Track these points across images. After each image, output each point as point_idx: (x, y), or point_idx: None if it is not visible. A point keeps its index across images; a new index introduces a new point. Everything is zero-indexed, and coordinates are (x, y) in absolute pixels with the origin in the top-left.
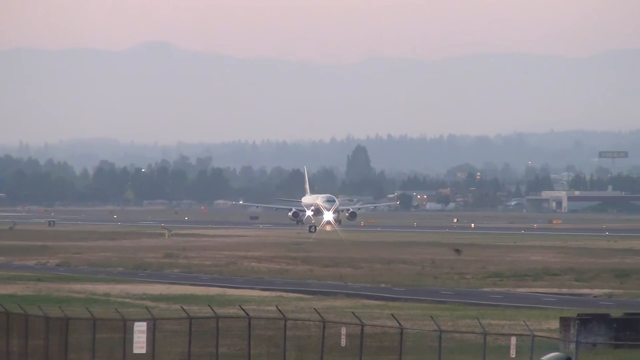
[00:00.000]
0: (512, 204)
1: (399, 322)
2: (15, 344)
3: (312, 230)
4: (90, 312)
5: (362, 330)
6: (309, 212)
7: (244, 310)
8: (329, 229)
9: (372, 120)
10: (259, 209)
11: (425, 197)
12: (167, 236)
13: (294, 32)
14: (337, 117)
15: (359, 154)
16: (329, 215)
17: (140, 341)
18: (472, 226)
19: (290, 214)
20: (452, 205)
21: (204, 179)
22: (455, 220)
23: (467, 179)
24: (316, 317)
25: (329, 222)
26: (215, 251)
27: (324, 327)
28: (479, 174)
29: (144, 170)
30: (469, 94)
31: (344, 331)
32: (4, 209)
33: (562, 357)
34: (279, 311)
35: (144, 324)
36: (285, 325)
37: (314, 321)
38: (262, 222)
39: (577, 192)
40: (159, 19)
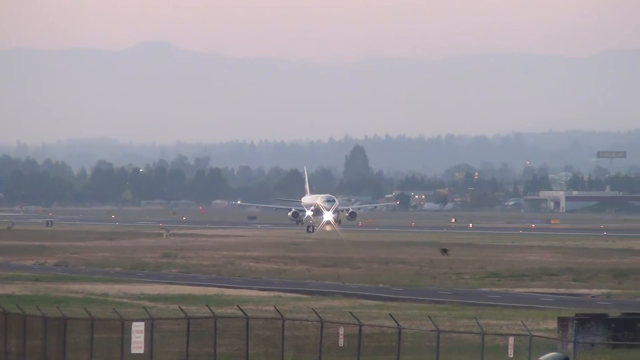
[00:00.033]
0: (510, 204)
1: (397, 322)
2: (13, 344)
3: (310, 230)
4: (88, 312)
5: (360, 330)
6: (309, 212)
7: (242, 310)
8: (328, 229)
9: (370, 120)
10: (258, 209)
11: (423, 197)
12: (165, 236)
13: (292, 32)
14: (335, 117)
15: (357, 154)
16: (328, 215)
17: (138, 341)
18: (470, 226)
19: (290, 214)
20: (450, 205)
21: (202, 179)
22: (453, 220)
23: (465, 179)
24: (314, 317)
25: (328, 222)
26: (213, 251)
27: (322, 327)
28: (477, 174)
29: (142, 170)
30: (467, 94)
31: (341, 331)
32: (2, 209)
33: (560, 357)
34: (277, 311)
35: (142, 324)
36: (283, 325)
37: (312, 321)
38: (260, 222)
39: (575, 192)
40: (157, 19)
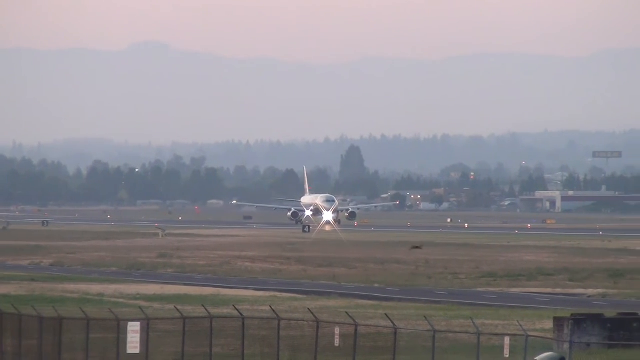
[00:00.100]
0: (506, 204)
1: (392, 322)
2: (8, 344)
3: (307, 230)
4: (84, 312)
5: (356, 330)
6: (308, 212)
7: (237, 310)
8: (328, 229)
9: (366, 120)
10: (257, 209)
11: (419, 197)
12: (160, 236)
13: (288, 32)
14: (331, 117)
15: (353, 154)
16: (328, 215)
17: (133, 341)
18: (466, 226)
19: (289, 214)
20: (445, 205)
21: (198, 179)
22: (449, 220)
23: (461, 179)
24: (310, 317)
25: (328, 222)
26: (209, 251)
27: (318, 327)
28: (472, 174)
29: (137, 170)
30: (462, 94)
31: (337, 331)
32: None
33: (556, 357)
34: (273, 311)
35: (138, 324)
36: (279, 325)
37: (307, 321)
38: (256, 222)
39: (571, 192)
40: (153, 19)
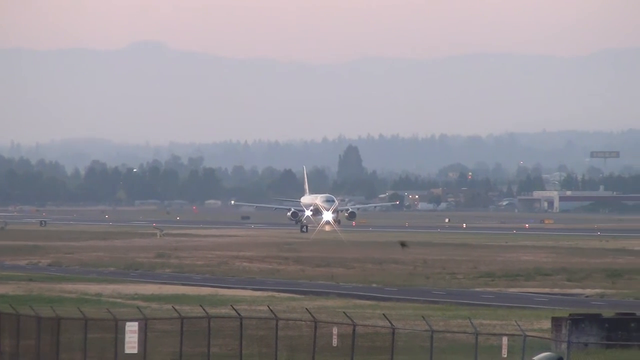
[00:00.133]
0: (504, 204)
1: (390, 322)
2: (6, 344)
3: (304, 230)
4: (81, 312)
5: (354, 330)
6: (308, 212)
7: (235, 310)
8: (328, 229)
9: (364, 120)
10: (257, 209)
11: (417, 197)
12: (158, 236)
13: (285, 32)
14: (328, 117)
15: (351, 154)
16: (328, 215)
17: (131, 341)
18: (464, 226)
19: (289, 214)
20: (443, 205)
21: (196, 179)
22: (447, 220)
23: (459, 179)
24: (308, 317)
25: (328, 222)
26: (207, 251)
27: (316, 327)
28: (470, 173)
29: (135, 170)
30: (460, 94)
31: (335, 331)
32: None
33: (554, 357)
34: (271, 311)
35: (136, 324)
36: (277, 325)
37: (305, 321)
38: (254, 222)
39: (568, 192)
40: (151, 19)
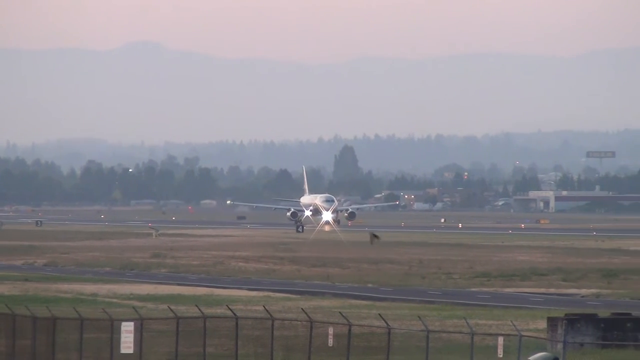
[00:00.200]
0: (500, 204)
1: (386, 322)
2: (2, 343)
3: (300, 230)
4: (77, 312)
5: (350, 330)
6: (308, 212)
7: (231, 310)
8: (327, 229)
9: (360, 120)
10: (256, 209)
11: (412, 197)
12: (154, 236)
13: (281, 32)
14: (324, 117)
15: (347, 154)
16: (327, 215)
17: (127, 341)
18: (460, 226)
19: (288, 214)
20: (439, 205)
21: (191, 179)
22: (442, 220)
23: (455, 179)
24: (303, 317)
25: (327, 222)
26: (202, 251)
27: (312, 327)
28: (466, 174)
29: (131, 170)
30: (456, 94)
31: (331, 331)
32: None
33: (550, 357)
34: (267, 311)
35: (132, 324)
36: (272, 325)
37: (301, 321)
38: (250, 222)
39: (564, 192)
40: (146, 19)
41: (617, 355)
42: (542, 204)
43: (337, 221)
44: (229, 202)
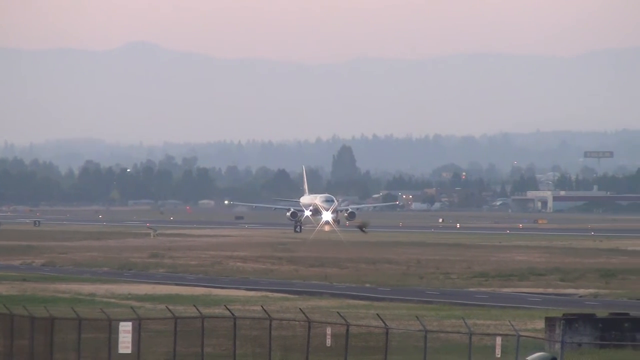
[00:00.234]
0: (498, 204)
1: (384, 322)
2: (0, 344)
3: (298, 230)
4: (75, 312)
5: (348, 330)
6: (308, 212)
7: (229, 310)
8: (327, 229)
9: (358, 120)
10: (255, 209)
11: (410, 197)
12: (152, 236)
13: (281, 32)
14: (322, 117)
15: (345, 154)
16: (327, 215)
17: (125, 341)
18: (458, 226)
19: (288, 214)
20: (437, 205)
21: (190, 179)
22: (440, 220)
23: (453, 179)
24: (301, 317)
25: (327, 222)
26: (200, 251)
27: (310, 327)
28: (464, 174)
29: (129, 170)
30: (454, 94)
31: (329, 331)
32: None
33: (548, 357)
34: (265, 311)
35: (130, 323)
36: (270, 325)
37: (299, 321)
38: (248, 222)
39: (562, 192)
40: (144, 19)
41: (615, 355)
42: (540, 204)
43: (337, 221)
44: (226, 202)
